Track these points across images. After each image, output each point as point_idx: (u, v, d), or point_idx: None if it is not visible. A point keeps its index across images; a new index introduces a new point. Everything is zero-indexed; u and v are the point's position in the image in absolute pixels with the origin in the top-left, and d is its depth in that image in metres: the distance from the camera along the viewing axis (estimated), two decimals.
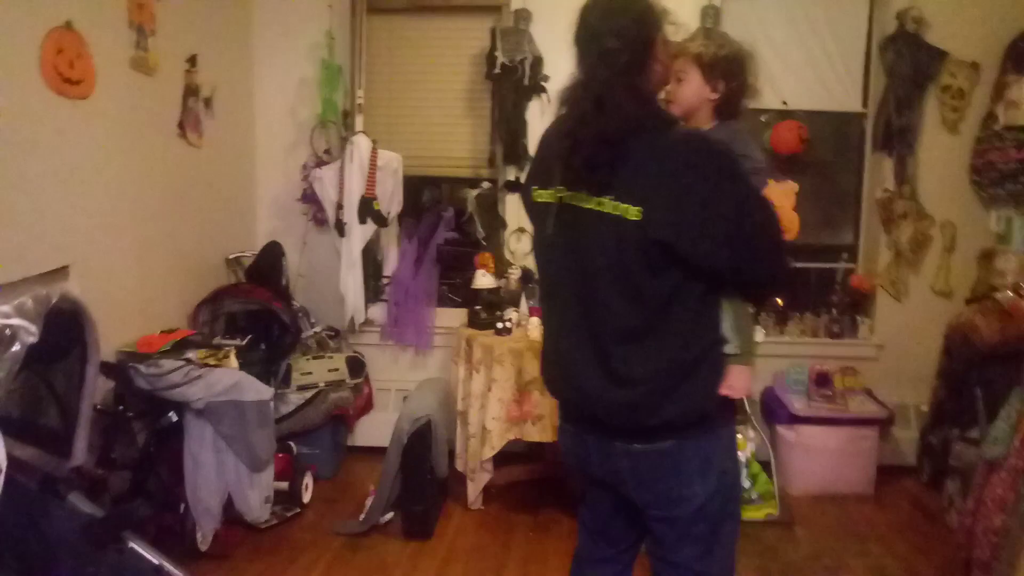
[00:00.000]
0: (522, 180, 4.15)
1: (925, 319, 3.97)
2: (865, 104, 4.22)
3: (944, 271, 4.05)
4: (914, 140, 4.03)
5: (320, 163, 4.04)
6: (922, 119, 4.03)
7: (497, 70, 3.99)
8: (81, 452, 1.94)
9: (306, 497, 3.52)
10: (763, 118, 4.13)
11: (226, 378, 2.83)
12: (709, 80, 1.98)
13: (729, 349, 1.66)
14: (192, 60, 3.56)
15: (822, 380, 3.85)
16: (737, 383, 1.67)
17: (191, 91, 3.57)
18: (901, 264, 4.08)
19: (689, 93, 1.98)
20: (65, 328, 1.86)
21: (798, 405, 3.77)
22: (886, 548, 3.25)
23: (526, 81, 4.02)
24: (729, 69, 2.01)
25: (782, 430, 3.80)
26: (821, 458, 3.73)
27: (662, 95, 1.86)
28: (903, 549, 3.24)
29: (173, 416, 2.76)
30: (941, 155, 4.03)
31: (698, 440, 1.68)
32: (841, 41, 4.18)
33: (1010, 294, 3.55)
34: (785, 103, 4.11)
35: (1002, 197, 3.91)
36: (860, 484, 3.76)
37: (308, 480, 3.55)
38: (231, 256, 3.89)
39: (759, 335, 3.49)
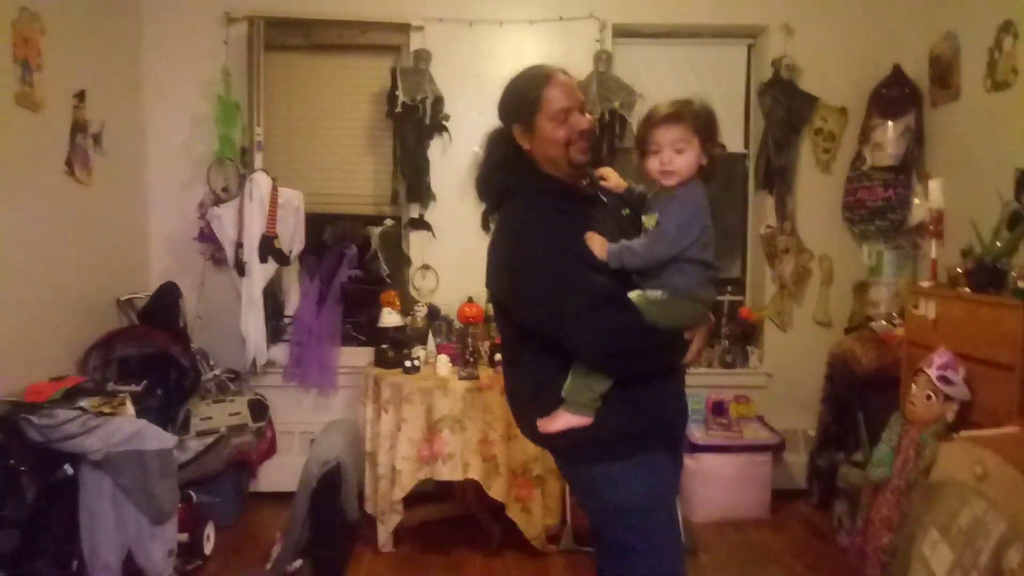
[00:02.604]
0: (426, 217, 4.19)
1: (809, 348, 4.20)
2: (747, 145, 4.48)
3: (824, 302, 4.32)
4: (792, 179, 4.30)
5: (218, 201, 3.94)
6: (798, 160, 4.30)
7: (398, 109, 4.01)
8: None
9: (208, 548, 3.37)
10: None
11: (126, 427, 2.70)
12: (705, 146, 1.83)
13: (562, 393, 1.82)
14: (80, 95, 3.43)
15: (718, 409, 4.03)
16: (549, 422, 1.84)
17: (79, 127, 3.43)
18: (785, 296, 4.32)
19: (690, 163, 1.81)
20: None
21: (697, 434, 3.91)
22: (784, 570, 3.40)
23: (427, 120, 4.06)
24: (716, 130, 1.87)
25: (684, 459, 3.93)
26: (720, 485, 3.88)
27: (657, 166, 1.82)
28: (799, 570, 3.39)
29: (68, 469, 2.60)
30: (816, 193, 4.30)
31: (575, 465, 1.93)
32: (722, 86, 4.43)
33: (884, 323, 3.82)
34: None
35: (872, 232, 4.20)
36: (757, 509, 3.93)
37: (210, 530, 3.40)
38: (123, 298, 3.72)
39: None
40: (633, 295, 1.81)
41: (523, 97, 1.89)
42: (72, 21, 3.40)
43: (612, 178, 2.11)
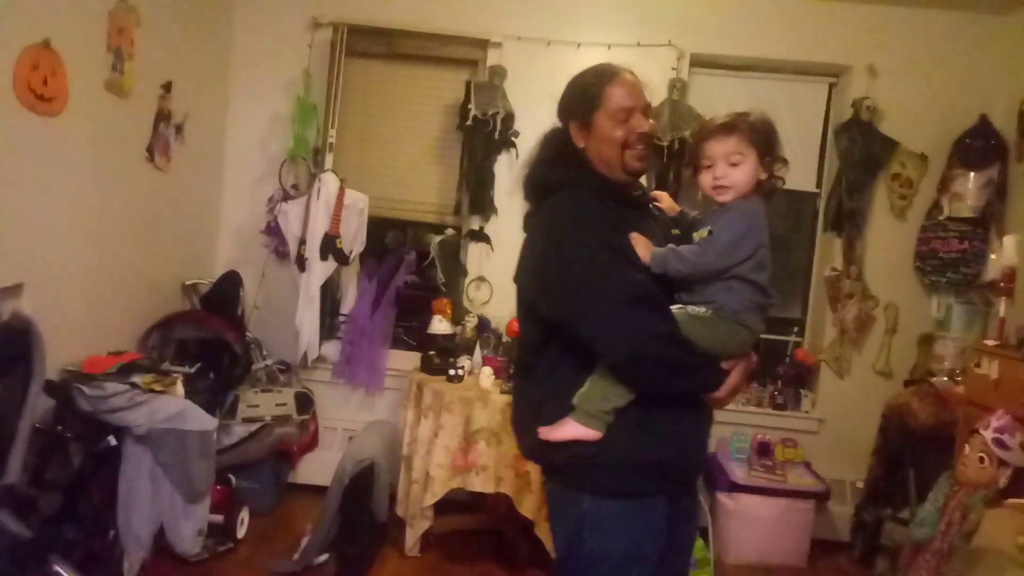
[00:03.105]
0: (486, 230, 4.23)
1: (865, 397, 4.06)
2: (819, 185, 4.37)
3: (885, 352, 4.18)
4: (863, 223, 4.18)
5: (287, 197, 4.06)
6: (871, 204, 4.19)
7: (469, 122, 4.07)
8: (15, 470, 1.91)
9: (241, 532, 3.46)
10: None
11: (170, 405, 2.80)
12: (763, 159, 1.72)
13: (574, 400, 1.70)
14: (167, 86, 3.59)
15: (763, 450, 3.93)
16: (554, 429, 1.70)
17: (163, 116, 3.59)
18: (845, 342, 4.20)
19: (747, 177, 1.70)
20: (13, 345, 1.84)
21: (739, 473, 3.83)
22: None
23: (496, 135, 4.10)
24: (776, 143, 1.76)
25: (722, 497, 3.84)
26: (758, 528, 3.77)
27: (710, 180, 1.72)
28: None
29: (112, 440, 2.71)
30: (888, 240, 4.18)
31: (563, 491, 1.76)
32: (799, 122, 4.35)
33: (946, 380, 3.67)
34: None
35: (943, 285, 4.05)
36: (794, 556, 3.80)
37: (244, 515, 3.49)
38: (188, 282, 3.87)
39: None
40: (674, 308, 1.69)
41: (584, 93, 1.80)
42: (166, 14, 3.56)
43: (665, 201, 2.00)
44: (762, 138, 1.71)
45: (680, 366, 1.67)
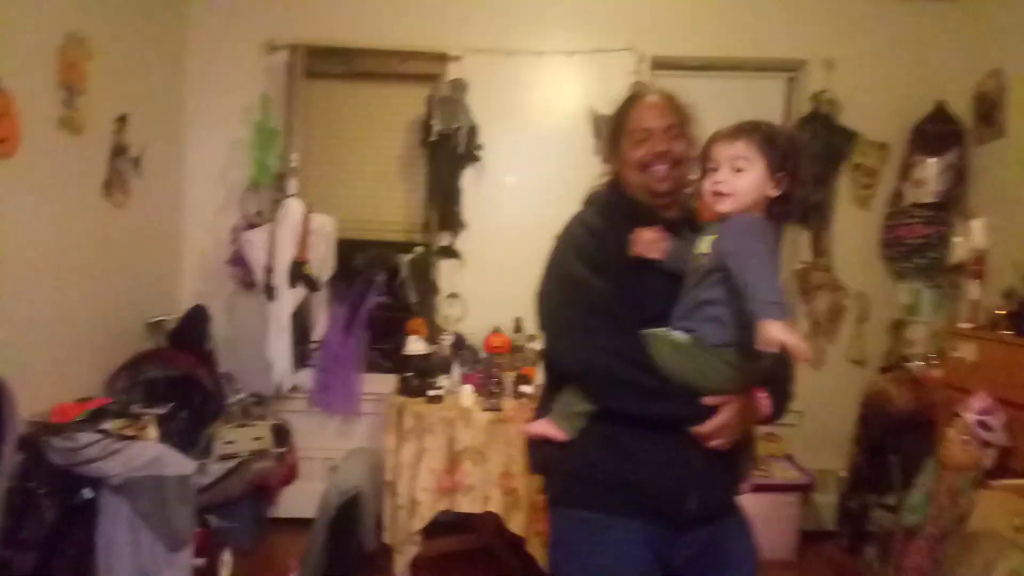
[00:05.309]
0: (456, 246, 4.18)
1: (841, 387, 4.08)
2: None
3: (858, 340, 4.22)
4: (829, 215, 4.22)
5: (251, 225, 3.98)
6: (836, 195, 4.23)
7: (433, 138, 4.03)
8: None
9: (224, 574, 3.36)
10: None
11: (147, 452, 2.71)
12: (774, 173, 1.56)
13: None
14: (122, 119, 3.50)
15: None
16: (531, 424, 1.78)
17: (119, 151, 3.50)
18: (818, 333, 4.22)
19: (750, 186, 1.55)
20: None
21: None
22: None
23: (461, 149, 4.07)
24: (798, 162, 1.58)
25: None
26: None
27: (710, 185, 1.60)
28: None
29: (88, 492, 2.62)
30: (854, 229, 4.22)
31: (550, 508, 1.79)
32: (761, 118, 4.37)
33: (921, 364, 3.71)
34: None
35: (910, 270, 4.11)
36: (783, 550, 3.82)
37: (227, 556, 3.39)
38: (153, 320, 3.77)
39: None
40: (657, 329, 1.60)
41: (613, 119, 1.84)
42: (118, 46, 3.47)
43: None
44: (776, 149, 1.56)
45: (635, 386, 1.59)
